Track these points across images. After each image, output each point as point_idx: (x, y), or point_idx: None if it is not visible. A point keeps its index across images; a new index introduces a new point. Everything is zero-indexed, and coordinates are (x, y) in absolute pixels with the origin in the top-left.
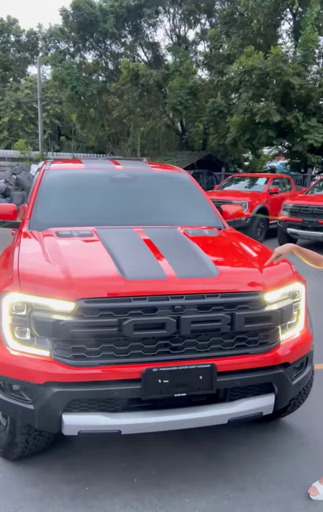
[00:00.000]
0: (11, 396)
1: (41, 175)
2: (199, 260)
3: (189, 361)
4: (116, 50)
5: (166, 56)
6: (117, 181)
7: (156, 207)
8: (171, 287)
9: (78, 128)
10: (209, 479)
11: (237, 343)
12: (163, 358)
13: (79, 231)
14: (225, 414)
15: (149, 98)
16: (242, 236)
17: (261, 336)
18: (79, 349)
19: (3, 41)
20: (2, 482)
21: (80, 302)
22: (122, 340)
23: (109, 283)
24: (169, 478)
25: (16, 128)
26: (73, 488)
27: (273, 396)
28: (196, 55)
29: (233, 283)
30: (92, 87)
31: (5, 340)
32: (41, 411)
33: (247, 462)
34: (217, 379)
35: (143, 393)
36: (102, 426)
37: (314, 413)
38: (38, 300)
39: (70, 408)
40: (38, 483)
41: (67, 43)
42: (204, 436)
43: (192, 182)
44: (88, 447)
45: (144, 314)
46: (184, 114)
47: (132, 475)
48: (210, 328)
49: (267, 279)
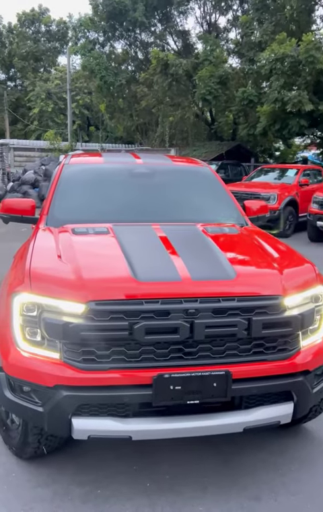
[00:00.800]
0: (21, 398)
1: (60, 170)
2: (216, 261)
3: (203, 367)
4: (146, 39)
5: (196, 44)
6: (137, 176)
7: (176, 203)
8: (185, 290)
9: (107, 118)
10: (224, 486)
11: (254, 349)
12: (175, 363)
13: (95, 228)
14: (241, 423)
15: (178, 88)
16: (264, 234)
17: (280, 343)
18: (89, 353)
19: (34, 32)
20: (13, 481)
21: (90, 304)
22: (133, 344)
23: (121, 284)
24: (183, 484)
25: (46, 119)
26: (84, 491)
27: (292, 405)
28: (227, 43)
29: (251, 286)
30: (121, 77)
31: (15, 340)
32: (50, 414)
33: (264, 470)
34: (231, 386)
35: (154, 399)
36: (112, 431)
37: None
38: (49, 301)
39: (80, 412)
40: (49, 484)
41: (97, 32)
42: (221, 440)
43: (214, 176)
44: (101, 448)
45: (156, 317)
46: (213, 104)
47: (144, 479)
48: (225, 333)
49: (287, 282)
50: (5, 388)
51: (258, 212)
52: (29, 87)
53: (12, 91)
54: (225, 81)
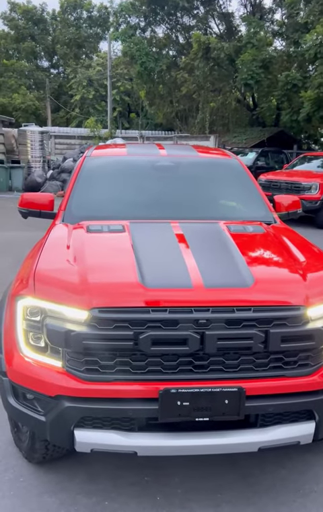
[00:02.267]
0: (24, 405)
1: (81, 163)
2: (234, 265)
3: (214, 382)
4: (188, 23)
5: (240, 26)
6: (159, 169)
7: (199, 198)
8: (196, 298)
9: (146, 104)
10: (239, 506)
11: (271, 364)
12: (184, 377)
13: (110, 226)
14: (256, 442)
15: (219, 72)
16: (293, 233)
17: (301, 357)
18: (93, 362)
19: (76, 18)
20: (21, 487)
21: (94, 311)
22: (139, 355)
23: (127, 291)
24: (195, 500)
25: (87, 106)
26: (91, 502)
27: (313, 424)
28: (272, 24)
29: (270, 294)
30: (162, 62)
31: (19, 346)
32: (52, 424)
33: (284, 489)
34: (245, 403)
35: (160, 415)
36: (116, 446)
37: None
38: (52, 306)
39: (83, 424)
40: (57, 492)
41: (138, 17)
42: (240, 454)
43: (242, 169)
44: (113, 456)
45: (163, 327)
46: (255, 89)
47: (155, 492)
48: (240, 346)
49: (312, 290)
50: (9, 394)
51: (289, 208)
52: (71, 74)
53: (54, 78)
54: (268, 65)
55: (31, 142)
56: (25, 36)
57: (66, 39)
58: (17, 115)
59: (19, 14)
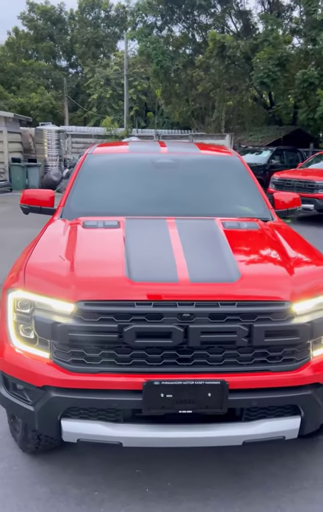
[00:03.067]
0: (14, 395)
1: (82, 160)
2: (222, 260)
3: (198, 375)
4: (205, 21)
5: (257, 24)
6: (159, 167)
7: (198, 195)
8: (181, 292)
9: (162, 103)
10: (227, 500)
11: (255, 359)
12: (169, 370)
13: (105, 222)
14: (240, 436)
15: (235, 70)
16: (288, 230)
17: (286, 352)
18: (79, 354)
19: (94, 17)
20: (14, 476)
21: (80, 304)
22: (123, 347)
23: (112, 284)
24: (184, 493)
25: (104, 105)
26: (81, 492)
27: (299, 419)
28: (290, 22)
29: (255, 289)
30: (178, 61)
31: (9, 337)
32: (40, 414)
33: (274, 485)
34: (228, 397)
35: (144, 406)
36: (102, 436)
37: None
38: (40, 299)
39: (70, 415)
40: (49, 482)
41: (155, 16)
42: (232, 449)
43: (242, 166)
44: (107, 448)
45: (148, 320)
46: (271, 87)
47: (145, 484)
48: (223, 340)
49: (298, 286)
50: (0, 384)
51: (289, 205)
52: (89, 73)
53: (72, 78)
54: (285, 63)
55: (48, 141)
56: (44, 36)
57: (84, 38)
58: (34, 115)
59: (38, 14)
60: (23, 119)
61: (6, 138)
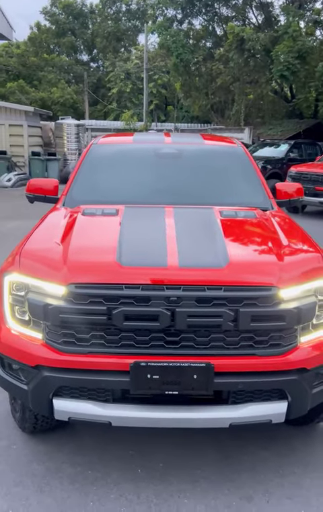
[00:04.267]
0: (10, 375)
1: (86, 150)
2: (212, 247)
3: (185, 358)
4: (226, 14)
5: (279, 16)
6: (162, 157)
7: (198, 185)
8: (169, 277)
9: (182, 97)
10: (217, 482)
11: (242, 343)
12: (156, 352)
13: (104, 210)
14: (226, 418)
15: (255, 63)
16: (285, 219)
17: (272, 337)
18: (69, 335)
19: (115, 11)
20: (12, 454)
21: (70, 286)
22: (112, 329)
23: (103, 269)
24: (175, 475)
25: (124, 100)
26: (75, 471)
27: (286, 404)
28: (313, 13)
29: (242, 275)
30: (198, 54)
31: (6, 319)
32: (33, 393)
33: (264, 470)
34: (214, 379)
35: (132, 387)
36: (92, 415)
37: None
38: (34, 282)
39: (61, 394)
40: (45, 460)
41: (175, 9)
42: (226, 434)
43: (245, 157)
44: (104, 429)
45: (136, 303)
46: (291, 80)
47: (137, 465)
48: (210, 324)
49: (286, 273)
50: None
51: (291, 196)
52: (109, 67)
53: (93, 72)
54: (305, 55)
55: (68, 135)
56: (66, 31)
57: (105, 32)
58: (55, 109)
59: (60, 9)
60: (43, 113)
61: (26, 132)
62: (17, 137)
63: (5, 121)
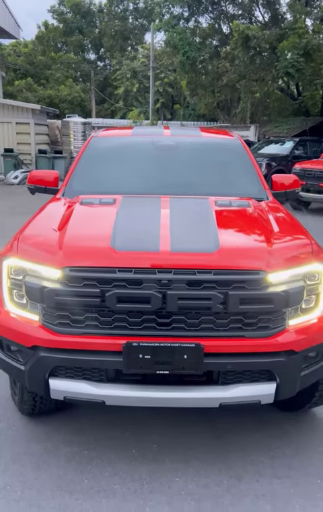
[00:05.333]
0: (9, 356)
1: (87, 143)
2: (204, 233)
3: (173, 339)
4: (232, 12)
5: (286, 14)
6: (160, 149)
7: (196, 176)
8: (161, 261)
9: (188, 95)
10: (209, 462)
11: (231, 325)
12: (148, 333)
13: (102, 199)
14: (216, 398)
15: (261, 61)
16: (278, 209)
17: (261, 320)
18: (65, 317)
19: (122, 10)
20: (11, 435)
21: (65, 270)
22: (106, 311)
23: (97, 253)
24: (168, 455)
25: (131, 98)
26: (72, 450)
27: (274, 385)
28: (320, 10)
29: (231, 259)
30: (204, 52)
31: (4, 302)
32: (30, 373)
33: (256, 451)
34: (203, 360)
35: (124, 366)
36: (86, 394)
37: None
38: (31, 266)
39: (57, 374)
40: (42, 440)
41: (182, 7)
42: (220, 417)
43: (242, 149)
44: (101, 412)
45: (128, 286)
46: (296, 77)
47: (132, 446)
48: (199, 306)
49: (274, 258)
50: None
51: (287, 187)
52: (116, 66)
53: (100, 71)
54: (310, 52)
55: (74, 133)
56: (73, 30)
57: (113, 31)
58: (63, 107)
59: (68, 8)
60: (50, 111)
61: (33, 130)
62: (24, 135)
63: (12, 119)
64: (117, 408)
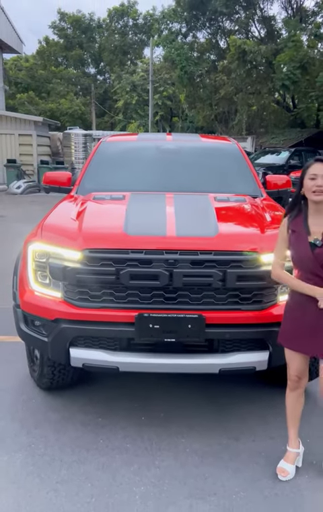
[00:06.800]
0: (33, 330)
1: (96, 146)
2: (205, 222)
3: (179, 311)
4: (229, 28)
5: (282, 30)
6: (164, 152)
7: (196, 175)
8: (168, 244)
9: (186, 108)
10: (210, 427)
11: (229, 299)
12: (157, 306)
13: (112, 195)
14: (216, 364)
15: (257, 74)
16: (272, 205)
17: (255, 295)
18: (84, 293)
19: (122, 26)
20: (32, 406)
21: (85, 251)
22: (120, 287)
23: (112, 237)
24: (173, 422)
25: (130, 111)
26: (87, 418)
27: (267, 353)
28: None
29: (229, 242)
30: (202, 66)
31: (29, 282)
32: (52, 343)
33: (251, 419)
34: (205, 329)
35: (137, 335)
36: (102, 361)
37: None
38: (54, 249)
39: (77, 343)
40: (60, 410)
41: (179, 23)
42: (220, 392)
43: (239, 152)
44: (113, 388)
45: (140, 265)
46: (292, 90)
47: (141, 414)
48: (202, 282)
49: (266, 242)
50: (22, 322)
51: (280, 187)
52: (116, 80)
53: (100, 84)
54: (306, 66)
55: (75, 145)
56: (74, 44)
57: (112, 46)
58: (64, 120)
59: (69, 23)
60: (51, 123)
61: (35, 142)
62: (26, 146)
63: (15, 131)
64: (126, 384)
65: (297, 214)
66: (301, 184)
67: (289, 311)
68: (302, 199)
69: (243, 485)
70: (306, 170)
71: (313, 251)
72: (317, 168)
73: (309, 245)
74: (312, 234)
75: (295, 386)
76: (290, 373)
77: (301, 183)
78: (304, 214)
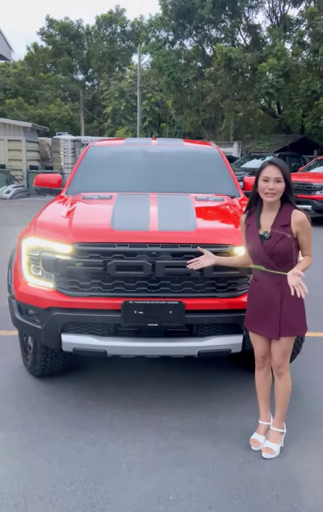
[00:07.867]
0: (27, 318)
1: (85, 150)
2: (185, 218)
3: (161, 298)
4: (215, 35)
5: (267, 38)
6: (149, 155)
7: (179, 177)
8: (150, 238)
9: (173, 114)
10: (191, 406)
11: (206, 287)
12: (141, 294)
13: (101, 195)
14: (195, 347)
15: (243, 81)
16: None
17: (229, 284)
18: (74, 283)
19: (111, 32)
20: (26, 390)
21: (75, 245)
22: (107, 277)
23: (100, 232)
24: (157, 402)
25: (119, 117)
26: (77, 401)
27: (241, 337)
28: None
29: (207, 236)
30: (189, 73)
31: (23, 274)
32: (45, 330)
33: (229, 400)
34: (185, 315)
35: (123, 321)
36: (91, 345)
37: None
38: (47, 243)
39: (67, 330)
40: (53, 394)
41: (167, 31)
42: (200, 376)
43: (219, 156)
44: (101, 375)
45: (125, 257)
46: (276, 97)
47: (127, 397)
48: (181, 272)
49: (239, 236)
50: (17, 311)
51: None
52: (104, 86)
53: (89, 90)
54: (289, 73)
55: (64, 150)
56: (62, 51)
57: (101, 53)
58: (53, 125)
59: (57, 30)
60: (40, 129)
61: (24, 147)
62: (15, 152)
63: (4, 136)
64: (114, 371)
65: (253, 211)
66: (256, 184)
67: (250, 297)
68: (257, 197)
69: (220, 454)
70: (260, 171)
71: (262, 243)
72: (269, 171)
73: (260, 237)
74: (262, 228)
75: (261, 365)
76: (256, 354)
77: (256, 183)
78: (257, 210)
